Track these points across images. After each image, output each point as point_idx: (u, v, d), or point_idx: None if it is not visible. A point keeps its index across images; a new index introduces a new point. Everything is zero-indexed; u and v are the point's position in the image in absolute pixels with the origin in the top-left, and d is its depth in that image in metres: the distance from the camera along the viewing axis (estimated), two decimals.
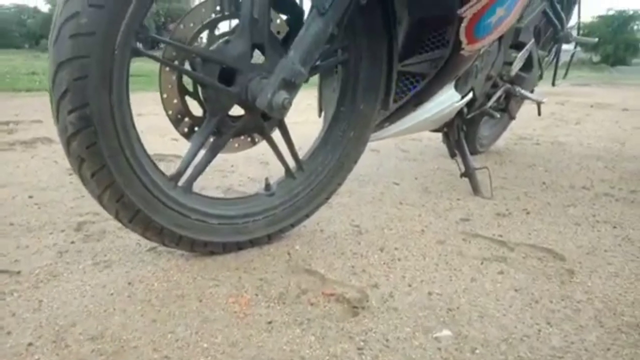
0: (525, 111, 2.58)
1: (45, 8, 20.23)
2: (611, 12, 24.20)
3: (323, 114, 1.32)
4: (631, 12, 24.06)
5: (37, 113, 3.17)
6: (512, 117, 2.21)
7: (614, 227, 1.36)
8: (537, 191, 1.72)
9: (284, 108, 0.96)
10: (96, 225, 1.26)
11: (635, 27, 24.21)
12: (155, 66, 0.97)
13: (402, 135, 1.78)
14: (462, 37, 1.15)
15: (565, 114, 4.19)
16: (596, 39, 2.29)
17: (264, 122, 1.10)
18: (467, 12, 1.08)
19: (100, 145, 0.84)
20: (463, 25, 1.11)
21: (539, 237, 1.27)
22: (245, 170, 1.87)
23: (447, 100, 1.44)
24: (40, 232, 1.21)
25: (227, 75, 1.00)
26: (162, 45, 1.01)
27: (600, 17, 24.41)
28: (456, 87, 1.46)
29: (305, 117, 2.92)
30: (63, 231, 1.22)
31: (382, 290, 0.96)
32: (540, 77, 2.15)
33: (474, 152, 2.28)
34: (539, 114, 2.24)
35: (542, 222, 1.40)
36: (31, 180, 1.67)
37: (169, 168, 1.90)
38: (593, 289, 0.99)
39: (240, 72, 0.99)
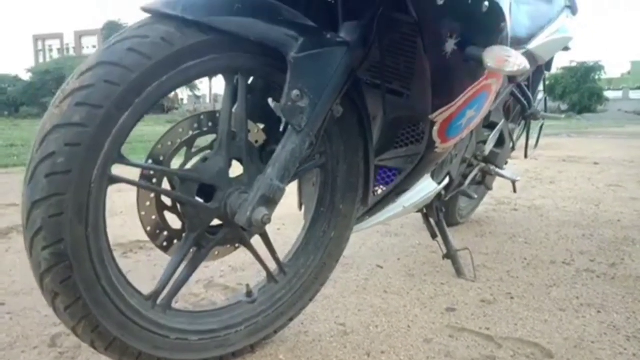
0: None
1: (26, 76, 20.48)
2: (574, 64, 25.59)
3: (303, 210, 1.32)
4: (592, 64, 25.50)
5: (13, 194, 3.09)
6: (489, 189, 2.26)
7: (599, 312, 1.36)
8: (519, 269, 1.73)
9: (264, 224, 0.96)
10: (71, 337, 1.21)
11: (597, 77, 25.55)
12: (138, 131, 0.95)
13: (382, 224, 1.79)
14: (435, 138, 1.18)
15: (539, 171, 4.31)
16: (562, 116, 2.40)
17: (244, 231, 1.10)
18: (438, 118, 1.13)
19: (75, 278, 0.82)
20: (435, 128, 1.15)
21: (525, 329, 1.26)
22: (226, 257, 1.84)
23: (425, 189, 1.46)
24: (11, 350, 1.16)
25: (206, 191, 1.00)
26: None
27: (564, 68, 25.77)
28: (432, 176, 1.49)
29: None
30: (36, 348, 1.17)
31: None
32: (513, 149, 2.22)
33: (454, 223, 2.31)
34: (515, 191, 2.29)
35: (527, 308, 1.39)
36: (4, 281, 1.61)
37: (149, 258, 1.86)
38: None
39: (219, 188, 1.00)
